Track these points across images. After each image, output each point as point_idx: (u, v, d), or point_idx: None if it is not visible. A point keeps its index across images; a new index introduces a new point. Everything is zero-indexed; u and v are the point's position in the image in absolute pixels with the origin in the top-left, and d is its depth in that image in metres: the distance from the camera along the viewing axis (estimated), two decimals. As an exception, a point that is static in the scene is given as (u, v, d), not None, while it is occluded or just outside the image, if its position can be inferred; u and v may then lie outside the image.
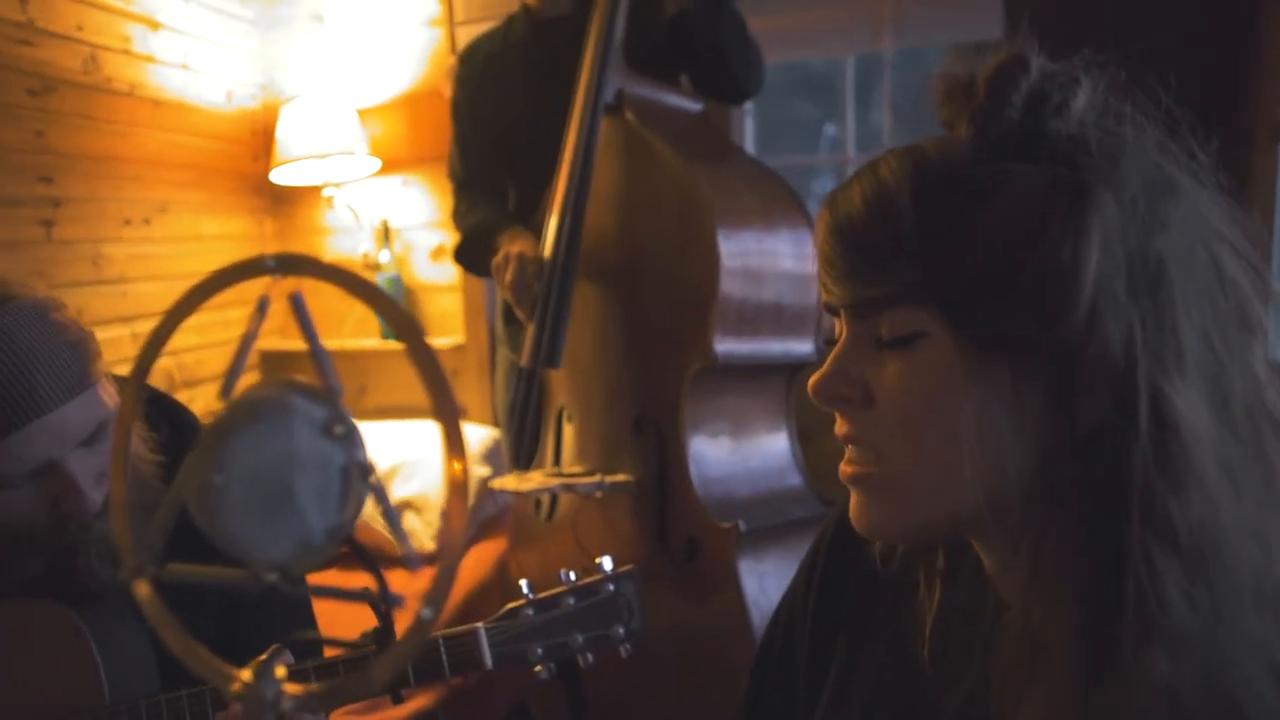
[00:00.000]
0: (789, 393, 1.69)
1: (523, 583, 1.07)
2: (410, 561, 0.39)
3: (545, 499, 1.86)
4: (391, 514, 0.39)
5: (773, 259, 1.54)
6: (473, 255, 1.93)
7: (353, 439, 0.39)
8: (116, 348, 2.34)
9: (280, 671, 0.40)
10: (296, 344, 2.86)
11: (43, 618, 0.99)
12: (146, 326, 2.41)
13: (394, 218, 2.88)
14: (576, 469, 1.74)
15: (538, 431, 1.87)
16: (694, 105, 1.86)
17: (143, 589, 0.44)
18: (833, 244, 0.57)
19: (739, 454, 1.55)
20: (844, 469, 0.59)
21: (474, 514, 2.40)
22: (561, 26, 1.88)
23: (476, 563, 2.24)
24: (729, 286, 1.43)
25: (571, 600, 1.07)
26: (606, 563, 1.10)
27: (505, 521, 2.45)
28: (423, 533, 2.31)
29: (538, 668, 1.06)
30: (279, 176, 2.74)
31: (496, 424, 2.72)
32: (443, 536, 0.31)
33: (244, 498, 0.38)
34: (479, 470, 2.45)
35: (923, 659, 0.64)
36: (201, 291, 0.43)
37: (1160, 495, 0.50)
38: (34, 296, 0.91)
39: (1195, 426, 0.50)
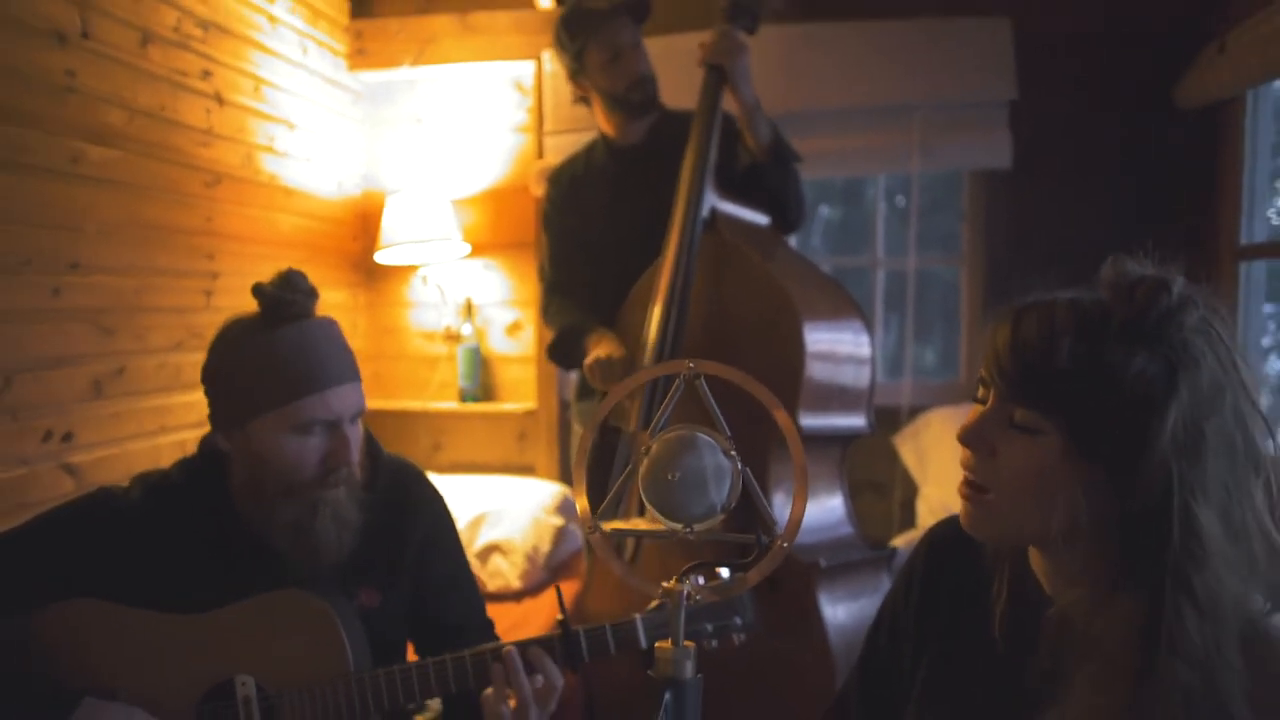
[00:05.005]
0: (844, 458, 2.06)
1: (664, 585, 1.41)
2: (768, 530, 0.75)
3: (630, 544, 2.19)
4: (759, 497, 0.75)
5: (841, 347, 1.92)
6: (563, 354, 2.23)
7: (736, 458, 0.76)
8: (244, 401, 2.70)
9: (688, 583, 0.75)
10: (380, 405, 3.24)
11: (301, 603, 1.29)
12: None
13: (476, 295, 3.27)
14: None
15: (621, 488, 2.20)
16: (762, 219, 2.26)
17: (596, 537, 0.80)
18: (1009, 352, 0.84)
19: (809, 508, 1.91)
20: (961, 488, 0.92)
21: (549, 557, 2.73)
22: (636, 154, 2.27)
23: (554, 604, 2.57)
24: (812, 371, 1.81)
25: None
26: (724, 571, 1.45)
27: (575, 566, 2.80)
28: (509, 572, 2.65)
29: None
30: (383, 257, 3.15)
31: (563, 479, 3.08)
32: (797, 485, 0.63)
33: (683, 485, 0.75)
34: (553, 520, 2.79)
35: (996, 638, 0.96)
36: (636, 379, 0.80)
37: (1187, 577, 0.79)
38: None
39: (1210, 532, 0.79)
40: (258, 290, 1.28)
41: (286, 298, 1.27)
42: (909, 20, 2.93)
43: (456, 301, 3.28)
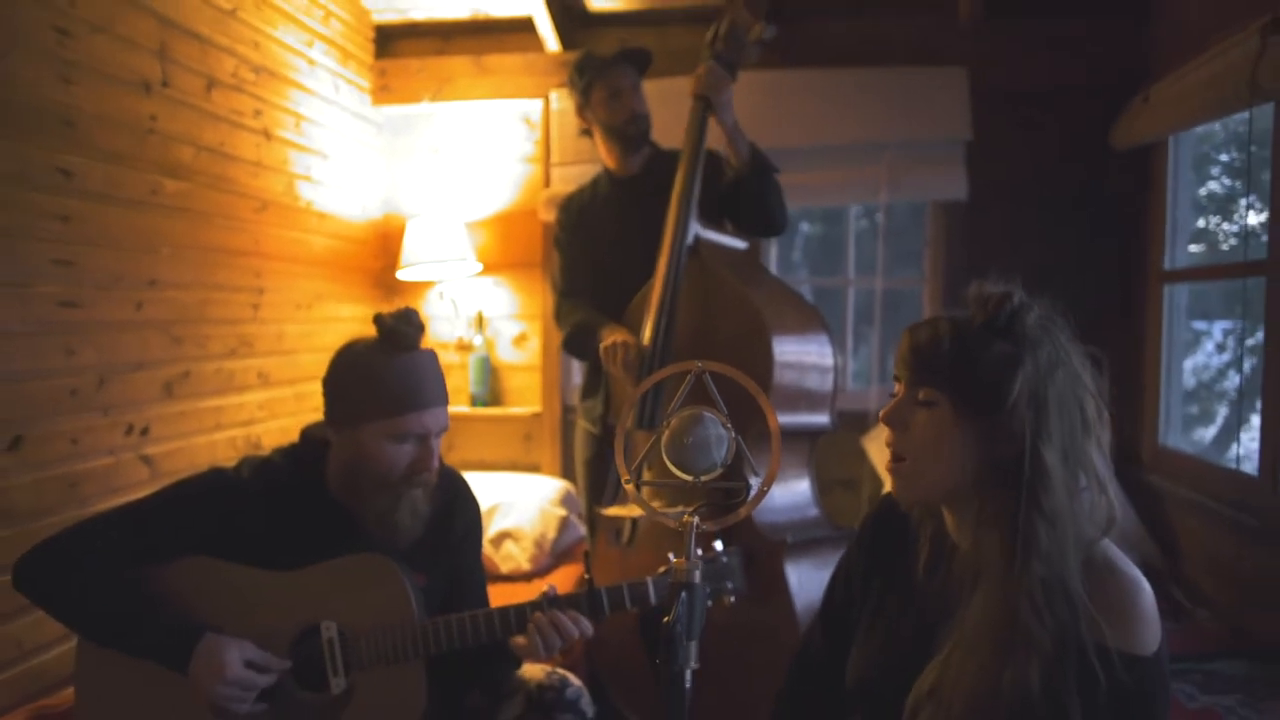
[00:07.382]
0: (811, 451, 2.39)
1: (671, 555, 1.73)
2: (753, 483, 1.08)
3: (627, 529, 2.52)
4: (747, 457, 1.08)
5: (806, 357, 2.26)
6: (579, 344, 2.57)
7: (730, 429, 1.09)
8: (281, 405, 3.01)
9: (696, 518, 1.08)
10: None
11: (375, 564, 1.54)
12: (307, 388, 3.10)
13: (486, 310, 3.60)
14: (656, 503, 2.40)
15: (617, 480, 2.53)
16: (741, 244, 2.60)
17: (631, 488, 1.13)
18: (909, 351, 1.17)
19: (780, 492, 2.24)
20: (887, 464, 1.24)
21: (555, 544, 3.05)
22: (635, 183, 2.62)
23: (560, 584, 2.88)
24: (779, 377, 2.14)
25: (701, 565, 1.73)
26: (718, 544, 1.76)
27: (577, 552, 3.12)
28: (520, 556, 2.97)
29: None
30: (404, 275, 3.47)
31: (565, 476, 3.41)
32: (775, 447, 0.96)
33: (695, 447, 1.08)
34: (558, 511, 3.11)
35: (919, 577, 1.29)
36: (655, 377, 1.14)
37: (1037, 495, 1.08)
38: None
39: (1053, 466, 1.08)
40: (379, 320, 1.54)
41: (402, 329, 1.53)
42: (877, 68, 3.30)
43: (468, 315, 3.60)
